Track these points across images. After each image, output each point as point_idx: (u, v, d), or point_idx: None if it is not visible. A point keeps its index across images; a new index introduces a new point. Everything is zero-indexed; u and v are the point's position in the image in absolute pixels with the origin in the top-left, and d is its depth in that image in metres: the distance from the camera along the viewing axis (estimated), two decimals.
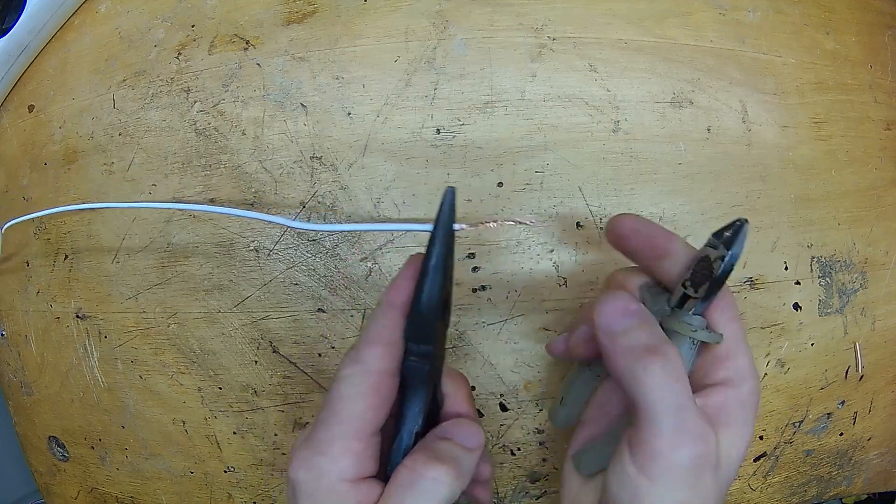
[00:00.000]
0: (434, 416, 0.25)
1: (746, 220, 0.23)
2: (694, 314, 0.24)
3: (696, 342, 0.24)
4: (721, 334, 0.24)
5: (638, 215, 0.26)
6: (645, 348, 0.22)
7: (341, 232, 0.31)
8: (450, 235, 0.22)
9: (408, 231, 0.27)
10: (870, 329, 0.35)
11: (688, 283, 0.24)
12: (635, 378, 0.21)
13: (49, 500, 0.42)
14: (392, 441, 0.24)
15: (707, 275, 0.23)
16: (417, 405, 0.24)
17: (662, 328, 0.23)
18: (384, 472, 0.23)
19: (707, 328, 0.24)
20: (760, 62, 0.34)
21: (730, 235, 0.23)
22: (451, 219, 0.22)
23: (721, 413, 0.23)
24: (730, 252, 0.23)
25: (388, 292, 0.23)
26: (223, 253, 0.33)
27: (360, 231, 0.29)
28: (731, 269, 0.23)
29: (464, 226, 0.24)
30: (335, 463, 0.22)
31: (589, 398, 0.27)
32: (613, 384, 0.26)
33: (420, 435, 0.24)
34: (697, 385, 0.23)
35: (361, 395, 0.22)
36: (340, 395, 0.22)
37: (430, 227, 0.23)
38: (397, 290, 0.23)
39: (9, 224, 0.34)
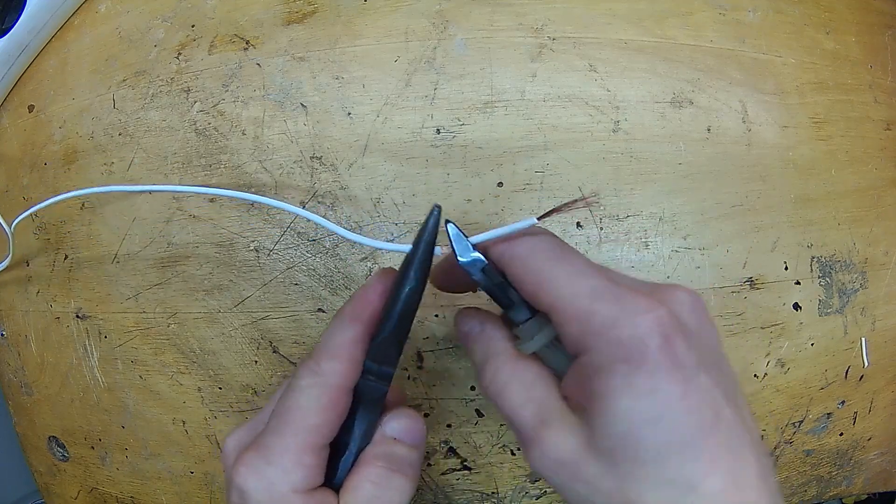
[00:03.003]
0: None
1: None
2: (521, 323, 0.22)
3: (548, 344, 0.22)
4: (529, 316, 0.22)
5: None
6: (477, 366, 0.23)
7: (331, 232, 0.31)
8: (429, 258, 0.22)
9: (390, 250, 0.26)
10: (870, 329, 0.35)
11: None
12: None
13: (49, 500, 0.42)
14: (339, 454, 0.23)
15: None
16: (366, 422, 0.23)
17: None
18: (330, 482, 0.23)
19: (547, 320, 0.21)
20: (760, 62, 0.34)
21: (451, 246, 0.22)
22: (433, 240, 0.22)
23: (578, 396, 0.20)
24: (460, 262, 0.21)
25: (355, 305, 0.23)
26: (223, 253, 0.33)
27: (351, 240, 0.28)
28: (486, 269, 0.21)
29: (444, 250, 0.22)
30: (287, 475, 0.21)
31: None
32: None
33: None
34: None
35: (319, 409, 0.22)
36: (298, 406, 0.22)
37: (408, 247, 0.22)
38: (365, 304, 0.22)
39: (18, 220, 0.34)
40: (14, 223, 0.34)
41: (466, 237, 0.22)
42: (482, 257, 0.22)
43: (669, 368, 0.18)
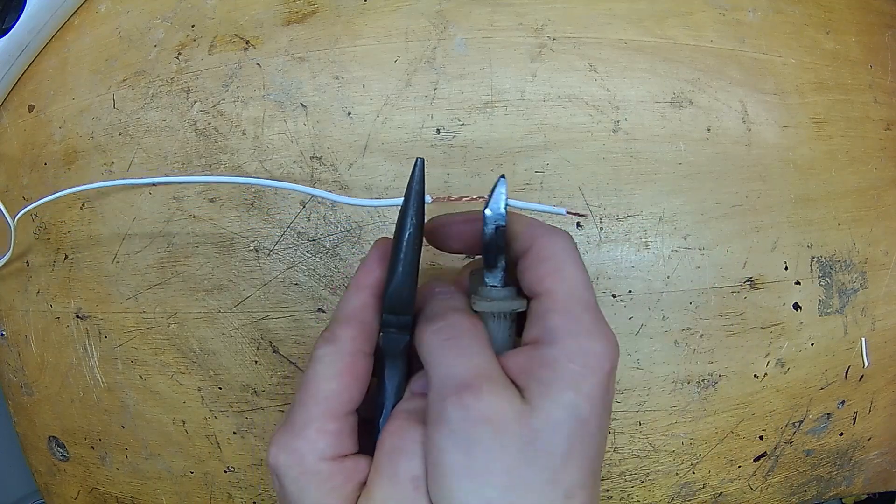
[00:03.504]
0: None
1: (503, 176, 0.23)
2: (490, 286, 0.23)
3: (498, 314, 0.23)
4: (522, 300, 0.22)
5: (454, 218, 0.25)
6: (427, 318, 0.22)
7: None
8: (422, 206, 0.23)
9: (383, 206, 0.28)
10: (870, 329, 0.35)
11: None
12: (419, 345, 0.22)
13: (49, 500, 0.42)
14: (377, 414, 0.24)
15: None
16: (397, 376, 0.24)
17: (474, 310, 0.23)
18: (371, 447, 0.23)
19: (513, 296, 0.23)
20: (760, 62, 0.34)
21: (487, 197, 0.23)
22: (423, 189, 0.23)
23: (521, 375, 0.21)
24: (484, 214, 0.23)
25: (358, 275, 0.24)
26: (223, 253, 0.33)
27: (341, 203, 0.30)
28: (498, 230, 0.22)
29: (431, 197, 0.24)
30: (312, 444, 0.21)
31: None
32: None
33: None
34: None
35: (335, 375, 0.22)
36: (315, 375, 0.22)
37: (400, 200, 0.23)
38: (367, 272, 0.24)
39: (21, 213, 0.33)
40: (17, 216, 0.34)
41: (506, 197, 0.23)
42: (504, 220, 0.23)
43: (602, 397, 0.21)
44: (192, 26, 0.34)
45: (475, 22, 0.32)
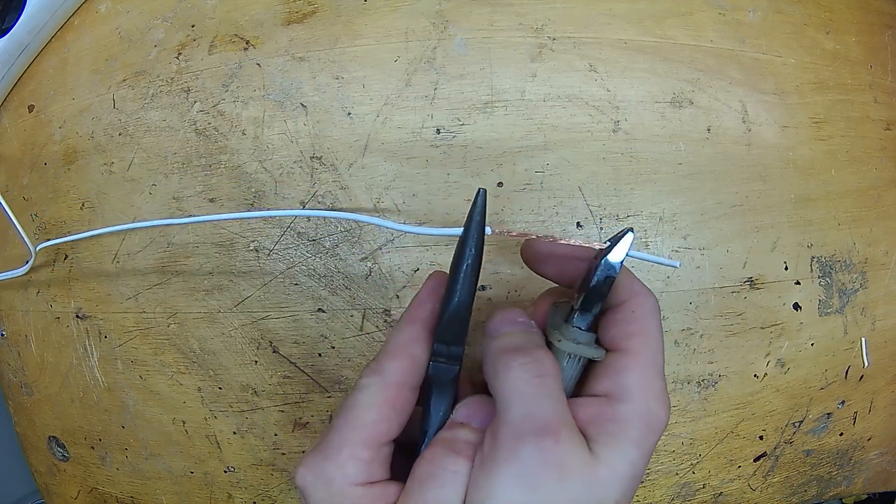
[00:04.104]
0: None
1: (631, 229, 0.23)
2: (575, 327, 0.23)
3: (574, 356, 0.23)
4: (602, 350, 0.23)
5: (553, 241, 0.25)
6: (513, 349, 0.22)
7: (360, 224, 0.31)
8: (482, 237, 0.23)
9: (441, 235, 0.27)
10: (870, 329, 0.35)
11: (577, 295, 0.23)
12: (496, 374, 0.22)
13: (49, 500, 0.42)
14: (421, 441, 0.24)
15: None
16: (443, 406, 0.24)
17: (549, 342, 0.23)
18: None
19: (593, 342, 0.23)
20: (760, 62, 0.34)
21: (609, 244, 0.23)
22: (483, 220, 0.23)
23: (591, 425, 0.21)
24: (602, 261, 0.22)
25: (411, 308, 0.24)
26: (223, 253, 0.33)
27: (391, 228, 0.29)
28: (608, 279, 0.23)
29: (493, 230, 0.24)
30: (341, 469, 0.22)
31: None
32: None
33: None
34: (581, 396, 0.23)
35: (376, 405, 0.22)
36: (356, 403, 0.23)
37: (460, 230, 0.23)
38: (420, 305, 0.24)
39: (46, 245, 0.33)
40: (40, 246, 0.33)
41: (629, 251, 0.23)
42: (616, 271, 0.23)
43: (649, 456, 0.22)
44: (192, 26, 0.34)
45: (475, 22, 0.32)
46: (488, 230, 0.24)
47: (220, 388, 0.33)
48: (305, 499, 0.22)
